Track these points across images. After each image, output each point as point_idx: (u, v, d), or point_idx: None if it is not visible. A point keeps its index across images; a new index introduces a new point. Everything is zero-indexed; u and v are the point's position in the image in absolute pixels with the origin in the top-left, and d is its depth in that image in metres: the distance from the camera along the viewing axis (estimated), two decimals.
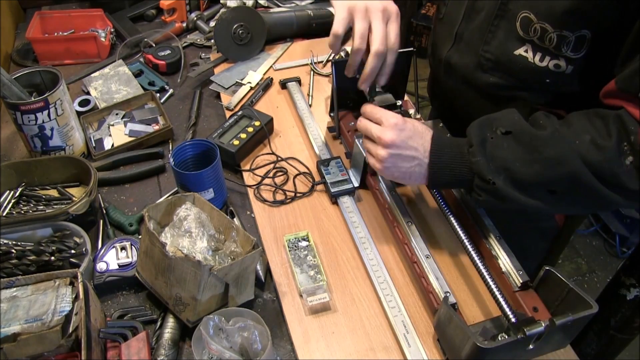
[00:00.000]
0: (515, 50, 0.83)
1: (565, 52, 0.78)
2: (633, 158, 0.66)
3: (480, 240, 0.84)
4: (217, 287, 0.76)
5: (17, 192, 0.93)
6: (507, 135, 0.73)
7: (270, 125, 1.11)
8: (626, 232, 2.26)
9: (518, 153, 0.72)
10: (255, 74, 1.28)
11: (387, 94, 1.04)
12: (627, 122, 0.67)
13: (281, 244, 0.90)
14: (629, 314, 1.26)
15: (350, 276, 0.86)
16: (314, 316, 0.80)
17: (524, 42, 0.82)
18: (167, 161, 1.07)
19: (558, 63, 0.80)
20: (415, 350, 0.74)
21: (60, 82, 0.98)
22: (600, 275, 2.23)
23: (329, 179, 0.98)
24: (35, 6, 1.51)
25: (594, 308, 0.66)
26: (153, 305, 0.82)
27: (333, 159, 1.02)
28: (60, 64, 1.32)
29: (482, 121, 0.77)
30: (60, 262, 0.82)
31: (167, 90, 1.26)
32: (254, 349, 0.70)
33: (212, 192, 0.92)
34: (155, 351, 0.74)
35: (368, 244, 0.89)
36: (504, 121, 0.75)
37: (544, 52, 0.80)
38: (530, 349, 0.69)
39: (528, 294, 0.76)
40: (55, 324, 0.68)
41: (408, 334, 0.76)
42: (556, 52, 0.79)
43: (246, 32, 1.29)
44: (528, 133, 0.72)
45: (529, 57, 0.82)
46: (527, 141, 0.72)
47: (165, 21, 1.48)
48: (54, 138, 1.00)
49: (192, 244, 0.78)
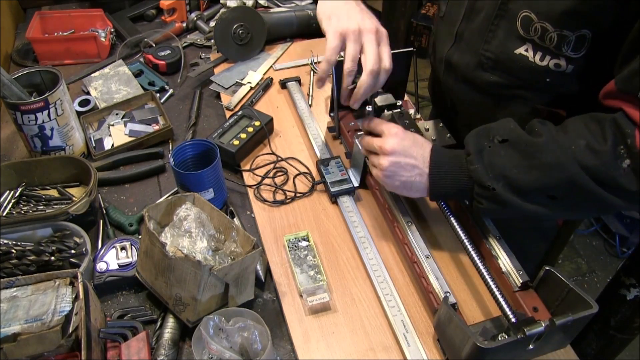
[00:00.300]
0: (515, 50, 0.83)
1: (565, 52, 0.78)
2: (630, 161, 0.66)
3: (480, 240, 0.84)
4: (217, 287, 0.76)
5: (17, 192, 0.93)
6: (504, 143, 0.74)
7: (270, 125, 1.11)
8: (626, 232, 2.26)
9: (515, 160, 0.72)
10: (255, 74, 1.28)
11: (387, 94, 1.04)
12: (623, 126, 0.67)
13: (281, 244, 0.90)
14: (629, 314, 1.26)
15: (350, 276, 0.86)
16: (314, 316, 0.80)
17: (524, 41, 0.82)
18: (167, 161, 1.07)
19: (558, 62, 0.80)
20: (415, 350, 0.74)
21: (60, 82, 0.98)
22: (600, 275, 2.23)
23: (329, 179, 0.98)
24: (35, 6, 1.52)
25: (594, 308, 0.66)
26: (153, 305, 0.82)
27: (333, 158, 1.02)
28: (60, 64, 1.33)
29: (479, 131, 0.78)
30: (60, 262, 0.82)
31: (167, 90, 1.26)
32: (254, 349, 0.70)
33: (212, 192, 0.92)
34: (155, 351, 0.74)
35: (368, 244, 0.89)
36: (500, 130, 0.76)
37: (544, 51, 0.80)
38: (530, 349, 0.69)
39: (528, 294, 0.76)
40: (55, 324, 0.68)
41: (408, 333, 0.76)
42: (556, 52, 0.79)
43: (246, 32, 1.29)
44: (525, 140, 0.73)
45: (530, 56, 0.82)
46: (524, 148, 0.73)
47: (165, 21, 1.48)
48: (54, 138, 1.00)
49: (192, 244, 0.78)
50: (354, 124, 1.05)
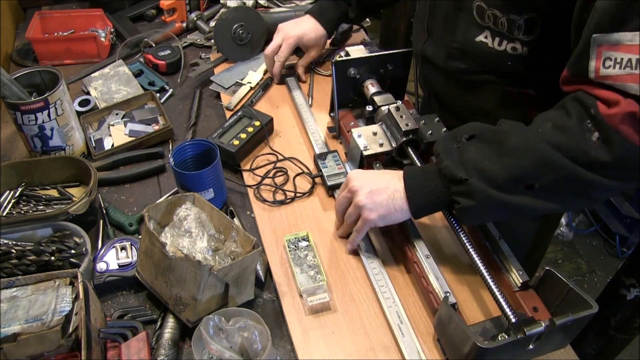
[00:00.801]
0: (476, 37, 0.89)
1: (518, 35, 0.83)
2: (599, 133, 0.64)
3: (480, 240, 0.84)
4: (217, 287, 0.76)
5: (17, 192, 0.93)
6: (471, 139, 0.75)
7: (270, 125, 1.11)
8: (626, 232, 2.26)
9: (485, 151, 0.73)
10: (255, 74, 1.28)
11: (387, 93, 1.05)
12: (583, 99, 0.67)
13: (281, 244, 0.90)
14: (629, 314, 1.26)
15: (350, 276, 0.86)
16: (314, 316, 0.80)
17: (482, 29, 0.87)
18: (167, 161, 1.07)
19: (514, 46, 0.85)
20: (413, 350, 0.74)
21: (60, 82, 0.98)
22: (600, 275, 2.23)
23: (326, 172, 0.98)
24: (35, 6, 1.52)
25: (594, 308, 0.66)
26: (153, 305, 0.82)
27: (330, 152, 1.03)
28: (60, 64, 1.32)
29: (445, 136, 0.81)
30: (60, 262, 0.82)
31: (167, 90, 1.26)
32: (254, 349, 0.70)
33: (212, 192, 0.92)
34: (155, 351, 0.74)
35: (368, 244, 0.89)
36: (466, 129, 0.77)
37: (500, 36, 0.85)
38: (530, 349, 0.69)
39: (528, 294, 0.76)
40: (55, 324, 0.68)
41: (406, 334, 0.76)
42: (510, 36, 0.84)
43: (246, 32, 1.29)
44: (490, 131, 0.75)
45: (489, 42, 0.87)
46: (490, 138, 0.74)
47: (165, 21, 1.48)
48: (54, 138, 1.00)
49: (192, 244, 0.78)
50: (353, 123, 1.05)
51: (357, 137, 0.95)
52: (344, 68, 1.04)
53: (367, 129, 0.98)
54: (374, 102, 1.03)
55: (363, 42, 1.39)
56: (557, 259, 2.28)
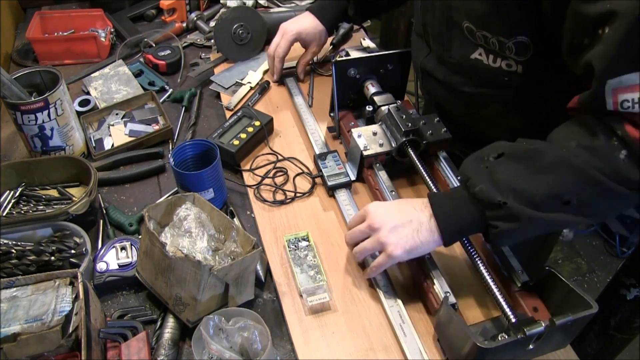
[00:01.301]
0: (471, 55, 0.89)
1: (510, 55, 0.83)
2: (627, 150, 0.64)
3: (480, 240, 0.84)
4: (217, 287, 0.76)
5: (17, 192, 0.93)
6: (500, 158, 0.72)
7: (270, 125, 1.11)
8: (626, 232, 2.26)
9: (517, 170, 0.70)
10: (255, 74, 1.28)
11: (387, 94, 1.05)
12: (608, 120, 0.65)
13: (281, 244, 0.90)
14: (629, 314, 1.26)
15: (350, 276, 0.86)
16: (314, 316, 0.80)
17: (476, 46, 0.87)
18: (167, 161, 1.07)
19: (509, 63, 0.85)
20: (415, 350, 0.74)
21: (60, 82, 0.98)
22: (600, 275, 2.23)
23: (326, 172, 0.98)
24: (35, 6, 1.51)
25: (594, 308, 0.66)
26: (153, 305, 0.82)
27: (330, 152, 1.03)
28: (60, 64, 1.32)
29: (471, 157, 0.76)
30: (60, 262, 0.82)
31: (167, 90, 1.26)
32: (254, 349, 0.70)
33: (212, 192, 0.92)
34: (155, 351, 0.74)
35: None
36: (493, 149, 0.74)
37: (494, 54, 0.86)
38: (530, 349, 0.69)
39: (528, 294, 0.76)
40: (55, 324, 0.68)
41: (408, 334, 0.76)
42: (503, 54, 0.84)
43: (246, 32, 1.29)
44: (521, 149, 0.72)
45: (484, 59, 0.88)
46: (522, 156, 0.71)
47: (165, 21, 1.48)
48: (54, 138, 1.00)
49: (192, 244, 0.78)
50: (354, 123, 1.05)
51: (357, 137, 0.95)
52: (344, 68, 1.04)
53: (367, 129, 0.98)
54: (374, 102, 1.03)
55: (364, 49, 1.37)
56: (557, 259, 2.28)
